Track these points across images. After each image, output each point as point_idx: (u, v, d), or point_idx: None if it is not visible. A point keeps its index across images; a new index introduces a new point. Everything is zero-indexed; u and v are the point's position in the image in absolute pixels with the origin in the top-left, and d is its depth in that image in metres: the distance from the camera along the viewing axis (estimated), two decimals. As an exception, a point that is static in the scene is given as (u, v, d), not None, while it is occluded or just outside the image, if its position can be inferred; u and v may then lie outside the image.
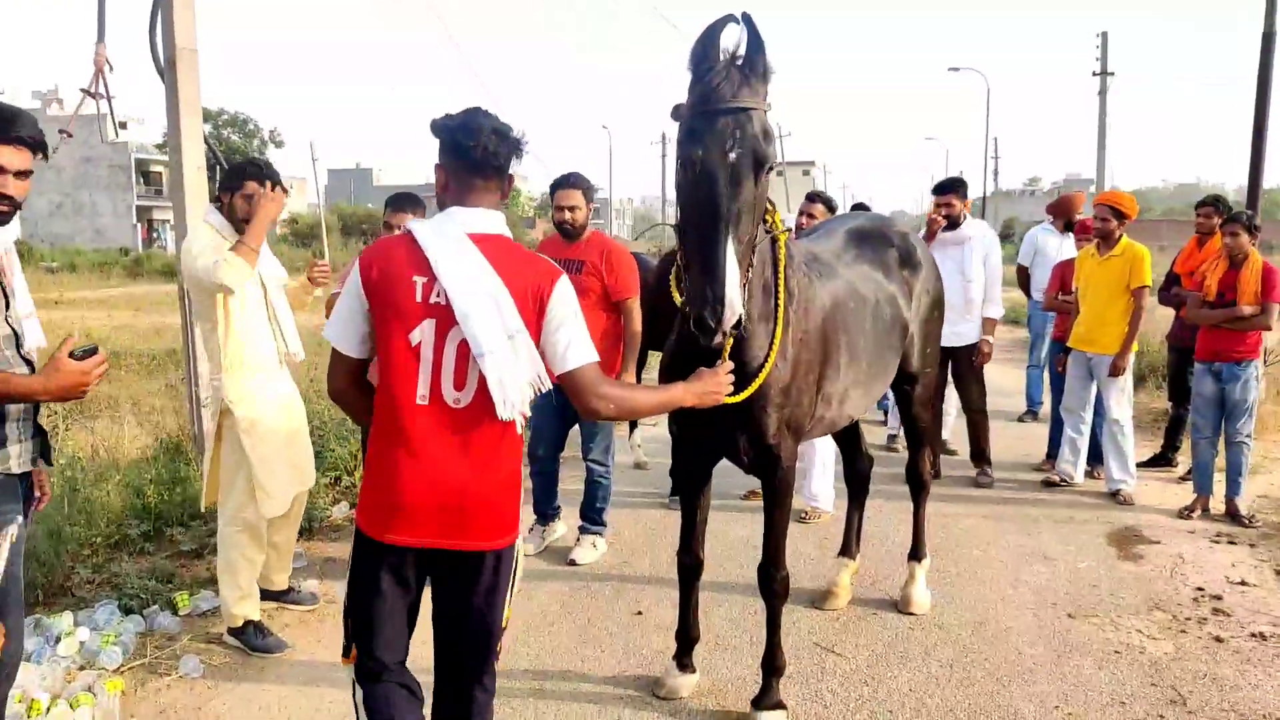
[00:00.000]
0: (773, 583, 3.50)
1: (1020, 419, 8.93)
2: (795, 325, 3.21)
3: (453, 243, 2.33)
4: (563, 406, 5.02)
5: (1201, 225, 6.83)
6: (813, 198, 6.48)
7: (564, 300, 2.38)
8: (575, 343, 2.37)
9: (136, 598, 4.61)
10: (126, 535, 5.43)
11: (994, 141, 54.98)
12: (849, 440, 4.80)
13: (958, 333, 6.66)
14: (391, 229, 4.78)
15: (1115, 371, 6.39)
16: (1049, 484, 6.82)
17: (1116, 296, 6.38)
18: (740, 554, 5.36)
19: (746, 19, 2.52)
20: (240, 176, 4.26)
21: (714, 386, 2.65)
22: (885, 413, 9.00)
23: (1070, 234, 7.97)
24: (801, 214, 6.52)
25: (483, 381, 2.30)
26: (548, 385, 2.38)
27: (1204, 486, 6.20)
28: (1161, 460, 7.28)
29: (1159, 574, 5.11)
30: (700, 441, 3.45)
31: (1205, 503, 6.16)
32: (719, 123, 2.51)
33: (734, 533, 5.69)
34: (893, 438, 7.96)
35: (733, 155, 2.49)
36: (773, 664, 3.59)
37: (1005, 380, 9.53)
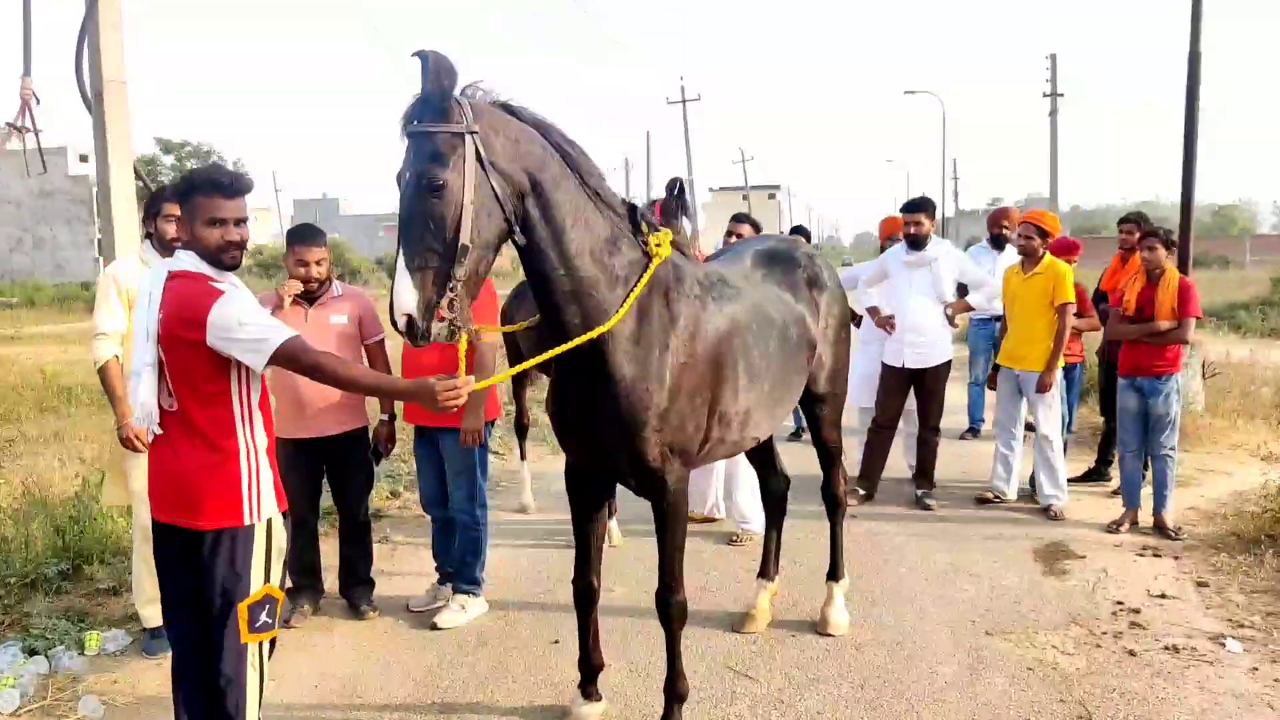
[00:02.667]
0: (669, 608, 3.46)
1: (961, 437, 8.99)
2: (677, 350, 3.20)
3: (157, 280, 2.91)
4: (432, 452, 4.84)
5: (1124, 242, 6.94)
6: (740, 219, 6.51)
7: (226, 311, 2.76)
8: (260, 334, 2.77)
9: (42, 638, 4.51)
10: (43, 574, 5.30)
11: (953, 163, 55.95)
12: (763, 461, 4.79)
13: (923, 355, 6.70)
14: (305, 265, 4.68)
15: (1042, 388, 6.44)
16: (982, 501, 6.85)
17: (1041, 313, 6.46)
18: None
19: (421, 55, 2.63)
20: (158, 200, 4.39)
21: (428, 392, 2.72)
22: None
23: (1000, 250, 8.07)
24: (729, 234, 6.54)
25: (181, 388, 2.85)
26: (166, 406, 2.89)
27: (1131, 500, 6.25)
28: (1095, 475, 7.34)
29: (1081, 589, 5.13)
30: (586, 465, 3.44)
31: (1134, 516, 6.20)
32: (406, 148, 2.73)
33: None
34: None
35: (406, 174, 2.68)
36: (674, 690, 3.55)
37: (948, 398, 9.55)
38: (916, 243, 6.74)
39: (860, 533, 6.23)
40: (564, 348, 3.01)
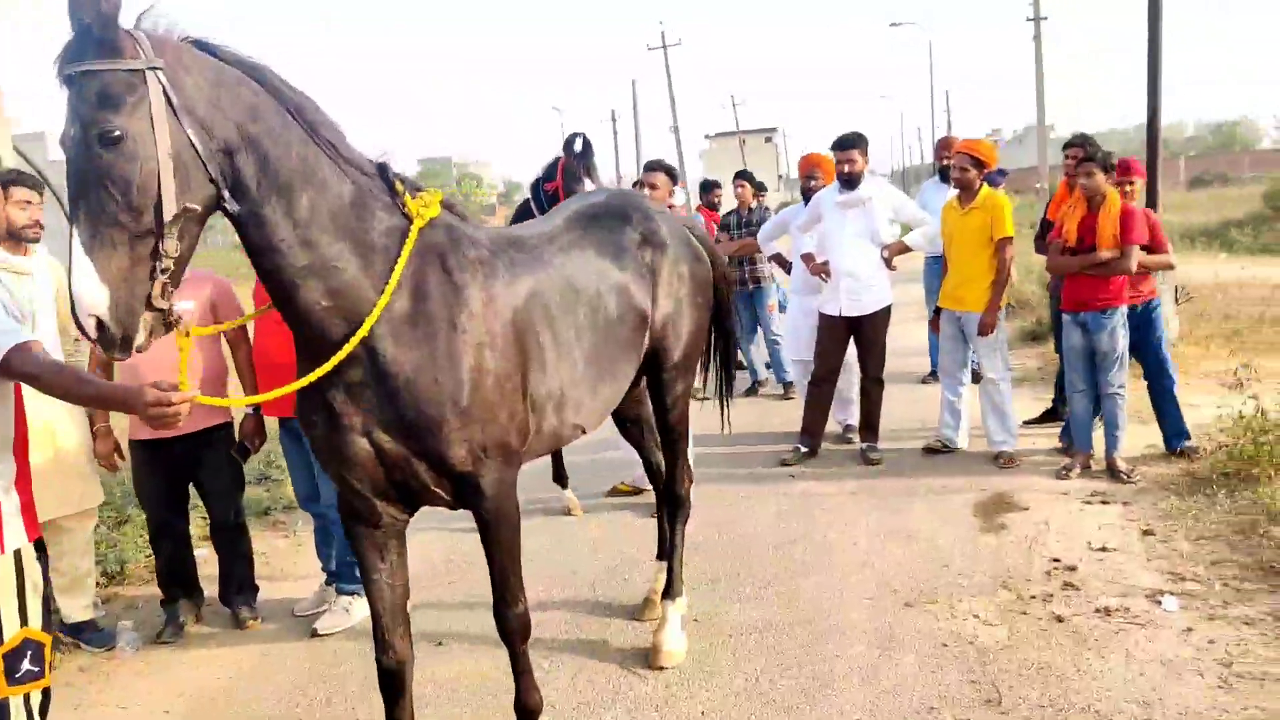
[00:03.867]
0: (506, 622, 3.02)
1: (923, 381, 8.57)
2: (468, 328, 2.67)
3: None
4: (299, 444, 4.45)
5: (1069, 168, 6.46)
6: (652, 166, 6.01)
7: None
8: None
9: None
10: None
11: (945, 95, 54.88)
12: (641, 439, 4.39)
13: (860, 302, 6.29)
14: None
15: (984, 329, 6.03)
16: (930, 451, 6.47)
17: (980, 250, 6.03)
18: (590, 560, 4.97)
19: None
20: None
21: (139, 402, 2.21)
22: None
23: (947, 184, 7.62)
24: (639, 184, 6.09)
25: None
26: None
27: (1083, 443, 5.87)
28: (1053, 415, 6.94)
29: (1018, 546, 4.76)
30: (372, 492, 2.73)
31: (1085, 460, 5.82)
32: (66, 96, 2.13)
33: (583, 534, 5.31)
34: (849, 428, 6.99)
35: (71, 129, 2.11)
36: (523, 707, 3.16)
37: (909, 340, 9.15)
38: (850, 181, 6.29)
39: (795, 494, 5.88)
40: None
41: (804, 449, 6.60)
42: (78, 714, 3.80)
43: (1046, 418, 6.93)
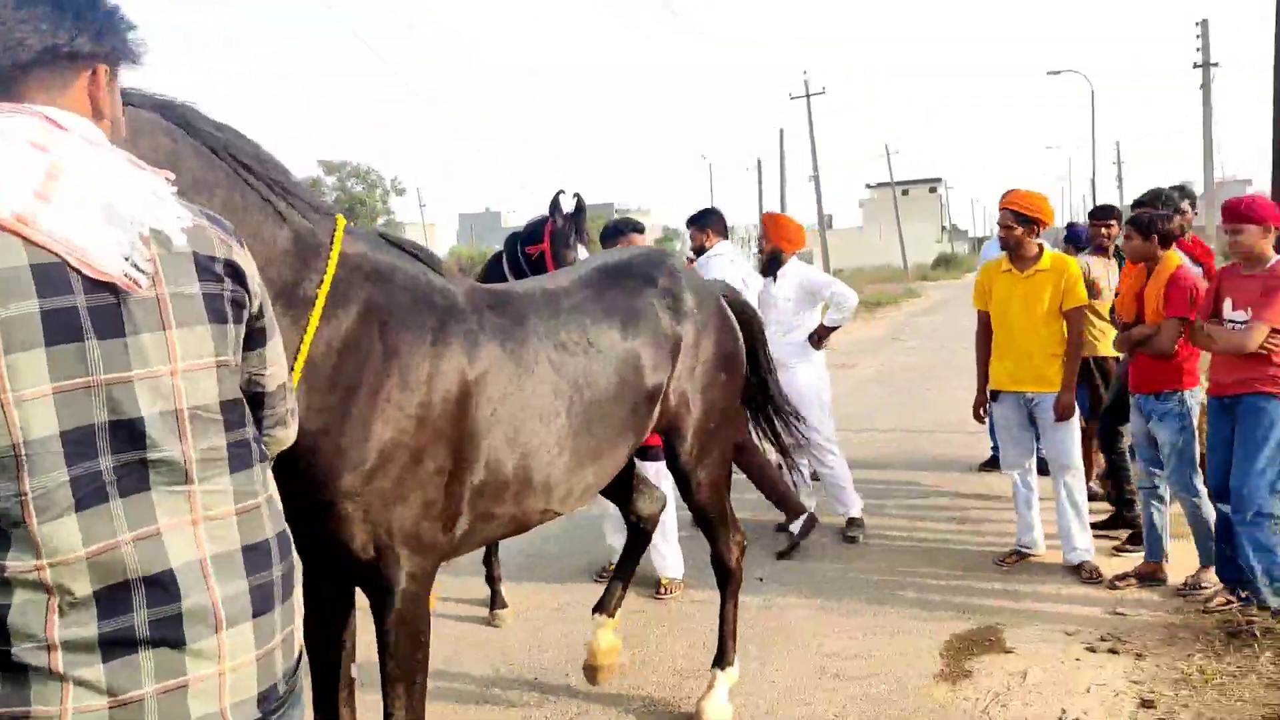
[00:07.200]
0: None
1: (980, 469, 7.39)
2: (392, 395, 2.34)
3: None
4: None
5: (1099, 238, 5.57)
6: (621, 226, 5.46)
7: None
8: None
9: None
10: None
11: (1115, 146, 51.42)
12: (622, 491, 3.86)
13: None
14: None
15: (1063, 411, 5.02)
16: (1002, 560, 5.32)
17: (1049, 321, 5.08)
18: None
19: None
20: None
21: None
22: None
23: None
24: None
25: None
26: None
27: (1152, 550, 4.91)
28: (1120, 520, 5.69)
29: (969, 706, 3.72)
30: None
31: (1151, 571, 4.86)
32: None
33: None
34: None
35: None
36: None
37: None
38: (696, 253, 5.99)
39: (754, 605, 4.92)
40: None
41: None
42: None
43: (1113, 524, 5.72)
